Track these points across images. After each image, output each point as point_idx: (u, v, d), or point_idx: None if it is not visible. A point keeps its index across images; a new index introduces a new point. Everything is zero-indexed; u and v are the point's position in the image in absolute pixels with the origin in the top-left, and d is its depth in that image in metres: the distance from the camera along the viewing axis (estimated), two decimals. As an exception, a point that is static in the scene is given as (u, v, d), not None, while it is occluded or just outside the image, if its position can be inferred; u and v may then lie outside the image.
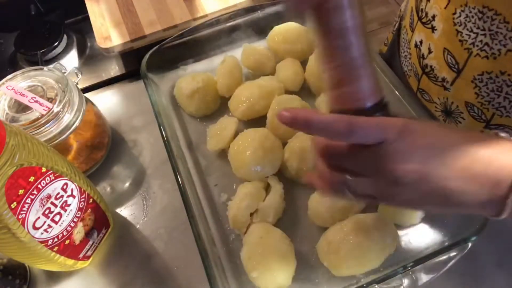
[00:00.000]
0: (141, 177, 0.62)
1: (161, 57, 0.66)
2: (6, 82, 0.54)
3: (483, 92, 0.50)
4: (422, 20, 0.55)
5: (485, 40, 0.46)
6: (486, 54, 0.46)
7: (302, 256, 0.52)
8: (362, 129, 0.34)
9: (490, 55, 0.46)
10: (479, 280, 0.51)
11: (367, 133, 0.34)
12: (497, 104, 0.49)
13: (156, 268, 0.54)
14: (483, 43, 0.46)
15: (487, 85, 0.49)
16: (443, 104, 0.57)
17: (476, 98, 0.51)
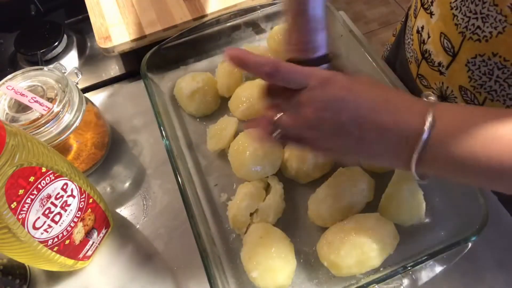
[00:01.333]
0: (141, 177, 0.63)
1: (161, 57, 0.66)
2: (6, 82, 0.54)
3: (476, 76, 0.51)
4: (424, 6, 0.57)
5: (477, 24, 0.47)
6: (478, 37, 0.48)
7: (302, 256, 0.52)
8: (286, 73, 0.39)
9: (482, 38, 0.47)
10: (479, 280, 0.51)
11: (290, 77, 0.39)
12: (489, 87, 0.51)
13: (156, 268, 0.54)
14: (475, 27, 0.48)
15: (479, 68, 0.50)
16: (439, 89, 0.58)
17: (469, 82, 0.52)
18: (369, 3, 2.11)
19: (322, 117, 0.38)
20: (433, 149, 0.35)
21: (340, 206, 0.51)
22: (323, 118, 0.38)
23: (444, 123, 0.35)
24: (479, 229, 0.46)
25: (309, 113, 0.38)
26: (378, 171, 0.57)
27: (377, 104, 0.37)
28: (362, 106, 0.37)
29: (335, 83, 0.38)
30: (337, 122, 0.37)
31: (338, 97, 0.37)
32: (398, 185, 0.51)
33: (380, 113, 0.37)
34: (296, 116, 0.39)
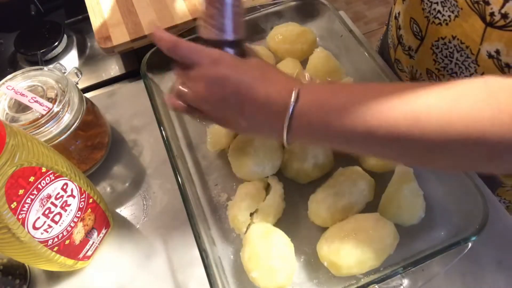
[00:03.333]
0: (141, 177, 0.63)
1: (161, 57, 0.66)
2: (6, 82, 0.54)
3: (439, 59, 0.55)
4: None
5: (438, 8, 0.52)
6: (439, 21, 0.52)
7: (302, 256, 0.52)
8: (181, 50, 0.45)
9: (442, 21, 0.52)
10: (479, 280, 0.51)
11: (184, 54, 0.45)
12: (450, 70, 0.55)
13: (156, 268, 0.54)
14: (436, 11, 0.52)
15: (442, 51, 0.54)
16: (410, 73, 0.63)
17: (434, 65, 0.57)
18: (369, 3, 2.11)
19: (210, 92, 0.43)
20: (298, 120, 0.40)
21: (340, 206, 0.51)
22: (211, 92, 0.43)
23: (308, 98, 0.40)
24: (479, 229, 0.46)
25: (200, 88, 0.44)
26: (378, 171, 0.57)
27: (255, 82, 0.42)
28: (242, 83, 0.42)
29: (223, 62, 0.43)
30: (222, 96, 0.43)
31: (223, 75, 0.43)
32: (398, 185, 0.51)
33: (256, 90, 0.42)
34: (192, 90, 0.45)
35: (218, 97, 0.43)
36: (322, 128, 0.40)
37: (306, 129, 0.41)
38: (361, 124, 0.37)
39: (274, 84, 0.42)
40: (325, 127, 0.40)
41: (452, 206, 0.52)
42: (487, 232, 0.45)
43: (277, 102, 0.41)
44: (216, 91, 0.43)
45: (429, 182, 0.54)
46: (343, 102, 0.39)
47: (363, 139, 0.38)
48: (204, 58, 0.44)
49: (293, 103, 0.40)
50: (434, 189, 0.54)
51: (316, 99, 0.40)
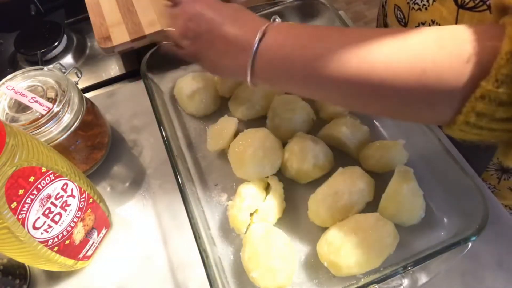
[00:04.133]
0: (141, 177, 0.63)
1: (161, 57, 0.66)
2: (6, 82, 0.54)
3: None
4: None
5: None
6: (419, 6, 0.55)
7: (302, 256, 0.52)
8: None
9: (422, 7, 0.54)
10: (479, 280, 0.51)
11: None
12: None
13: (156, 268, 0.54)
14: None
15: None
16: None
17: None
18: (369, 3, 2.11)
19: (188, 27, 0.47)
20: (260, 59, 0.42)
21: (340, 206, 0.51)
22: (189, 28, 0.47)
23: (273, 37, 0.42)
24: (479, 229, 0.46)
25: (181, 24, 0.48)
26: (378, 171, 0.57)
27: (227, 20, 0.45)
28: (215, 21, 0.46)
29: (201, 1, 0.47)
30: (197, 33, 0.47)
31: (198, 12, 0.46)
32: (398, 185, 0.51)
33: (227, 28, 0.45)
34: (174, 27, 0.49)
35: (194, 33, 0.47)
36: (283, 67, 0.42)
37: (268, 68, 0.43)
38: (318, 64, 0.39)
39: (245, 24, 0.45)
40: (285, 67, 0.41)
41: (452, 206, 0.52)
42: (487, 232, 0.45)
43: (243, 40, 0.43)
44: (192, 27, 0.47)
45: (429, 182, 0.54)
46: (304, 43, 0.40)
47: (318, 80, 0.40)
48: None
49: (257, 41, 0.42)
50: (434, 189, 0.54)
51: (279, 39, 0.42)
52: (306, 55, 0.40)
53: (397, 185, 0.51)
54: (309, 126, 0.61)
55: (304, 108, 0.60)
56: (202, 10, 0.46)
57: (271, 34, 0.42)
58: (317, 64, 0.39)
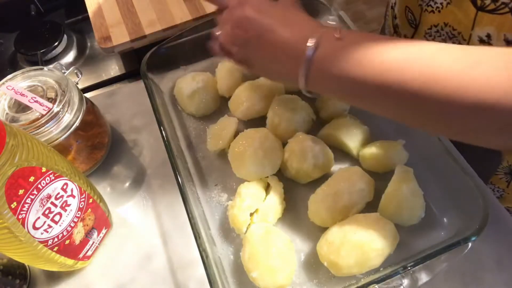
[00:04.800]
0: (141, 177, 0.63)
1: (161, 57, 0.66)
2: (6, 82, 0.54)
3: None
4: None
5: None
6: (432, 8, 0.54)
7: (302, 256, 0.52)
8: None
9: (435, 9, 0.53)
10: (479, 280, 0.51)
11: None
12: None
13: (156, 268, 0.54)
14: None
15: (435, 38, 0.56)
16: None
17: None
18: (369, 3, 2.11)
19: (236, 33, 0.45)
20: (317, 67, 0.41)
21: (340, 206, 0.51)
22: (237, 34, 0.45)
23: (330, 44, 0.40)
24: (479, 229, 0.46)
25: (228, 30, 0.46)
26: (378, 171, 0.57)
27: (276, 25, 0.43)
28: (263, 26, 0.43)
29: (248, 4, 0.45)
30: (245, 38, 0.45)
31: (246, 17, 0.44)
32: (398, 185, 0.51)
33: (276, 33, 0.43)
34: (222, 32, 0.48)
35: (242, 39, 0.45)
36: (338, 77, 0.40)
37: (323, 76, 0.41)
38: (376, 77, 0.37)
39: (295, 28, 0.42)
40: (341, 76, 0.40)
41: (452, 206, 0.52)
42: (487, 232, 0.45)
43: (294, 47, 0.41)
44: (240, 33, 0.45)
45: (429, 182, 0.54)
46: (362, 53, 0.38)
47: (376, 93, 0.38)
48: (231, 1, 0.47)
49: (312, 49, 0.40)
50: (434, 189, 0.54)
51: (335, 47, 0.40)
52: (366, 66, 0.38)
53: (397, 185, 0.51)
54: (309, 126, 0.61)
55: (304, 108, 0.60)
56: (249, 15, 0.44)
57: (326, 42, 0.40)
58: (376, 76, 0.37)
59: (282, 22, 0.43)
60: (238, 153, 0.56)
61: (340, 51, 0.40)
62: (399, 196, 0.51)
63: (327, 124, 0.60)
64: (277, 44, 0.43)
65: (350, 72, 0.39)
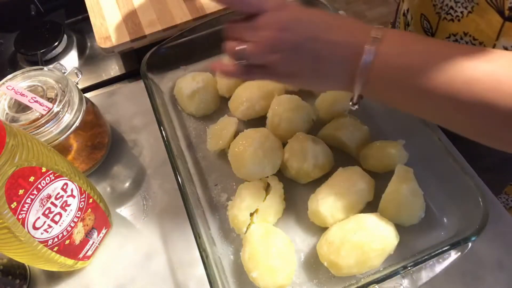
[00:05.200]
0: (141, 177, 0.63)
1: (161, 57, 0.66)
2: (6, 82, 0.54)
3: None
4: None
5: (450, 4, 0.51)
6: (451, 17, 0.51)
7: (302, 256, 0.52)
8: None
9: (454, 17, 0.51)
10: (479, 280, 0.51)
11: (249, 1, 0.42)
12: None
13: (156, 268, 0.54)
14: (448, 7, 0.51)
15: None
16: None
17: None
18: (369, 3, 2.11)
19: (281, 37, 0.40)
20: (376, 68, 0.38)
21: (340, 206, 0.51)
22: (282, 38, 0.40)
23: (389, 45, 0.38)
24: (479, 229, 0.46)
25: (268, 36, 0.41)
26: (378, 171, 0.57)
27: (331, 25, 0.40)
28: (317, 26, 0.40)
29: (289, 7, 0.42)
30: (295, 41, 0.40)
31: (294, 18, 0.41)
32: (398, 185, 0.51)
33: (333, 33, 0.40)
34: (257, 42, 0.42)
35: (290, 43, 0.40)
36: (398, 78, 0.38)
37: (381, 78, 0.39)
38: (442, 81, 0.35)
39: (352, 29, 0.40)
40: (402, 81, 0.38)
41: (452, 206, 0.52)
42: (487, 232, 0.45)
43: (356, 46, 0.38)
44: (287, 37, 0.40)
45: (429, 182, 0.54)
46: (425, 57, 0.37)
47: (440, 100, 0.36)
48: (269, 3, 0.42)
49: (371, 51, 0.38)
50: (434, 189, 0.54)
51: (396, 48, 0.38)
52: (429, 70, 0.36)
53: (397, 185, 0.51)
54: (309, 126, 0.61)
55: (304, 108, 0.60)
56: (299, 17, 0.41)
57: (386, 42, 0.38)
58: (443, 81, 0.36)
59: (336, 24, 0.40)
60: (238, 153, 0.56)
61: (399, 49, 0.38)
62: (399, 196, 0.51)
63: (327, 124, 0.60)
64: (336, 45, 0.39)
65: (416, 81, 0.37)
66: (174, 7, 0.75)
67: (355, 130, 0.58)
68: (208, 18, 0.73)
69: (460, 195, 0.50)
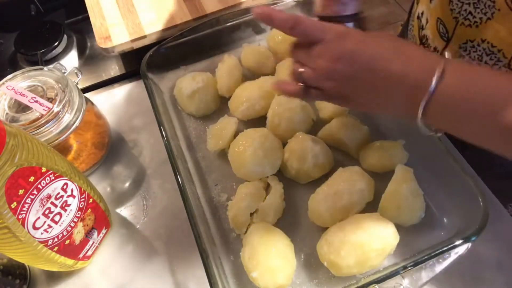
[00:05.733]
0: (141, 177, 0.62)
1: (161, 57, 0.66)
2: (6, 82, 0.54)
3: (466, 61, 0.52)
4: None
5: (469, 9, 0.50)
6: (469, 22, 0.50)
7: (302, 256, 0.52)
8: (305, 26, 0.42)
9: (473, 23, 0.50)
10: (479, 280, 0.51)
11: (308, 30, 0.42)
12: None
13: (156, 268, 0.54)
14: (467, 12, 0.50)
15: (470, 53, 0.52)
16: None
17: None
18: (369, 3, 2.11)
19: (335, 67, 0.41)
20: (438, 102, 0.37)
21: (340, 206, 0.51)
22: (336, 68, 0.41)
23: (454, 77, 0.37)
24: (479, 229, 0.46)
25: (323, 64, 0.42)
26: (378, 171, 0.57)
27: (390, 54, 0.39)
28: (375, 57, 0.40)
29: (349, 37, 0.41)
30: (349, 72, 0.41)
31: (350, 50, 0.40)
32: (398, 185, 0.51)
33: (392, 62, 0.39)
34: (314, 68, 0.43)
35: (345, 73, 0.41)
36: (462, 111, 0.37)
37: (444, 110, 0.38)
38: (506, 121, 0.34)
39: (412, 58, 0.39)
40: (465, 111, 0.37)
41: (452, 206, 0.52)
42: (487, 232, 0.45)
43: (416, 79, 0.38)
44: (343, 68, 0.41)
45: (429, 182, 0.54)
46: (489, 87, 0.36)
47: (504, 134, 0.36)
48: (329, 33, 0.42)
49: (436, 81, 0.37)
50: (434, 189, 0.54)
51: (460, 80, 0.37)
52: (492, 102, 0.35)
53: (397, 185, 0.51)
54: (309, 126, 0.61)
55: (304, 108, 0.60)
56: (355, 47, 0.40)
57: (450, 74, 0.37)
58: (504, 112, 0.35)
59: (396, 52, 0.40)
60: (238, 153, 0.56)
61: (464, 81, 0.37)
62: (399, 196, 0.51)
63: (327, 124, 0.60)
64: (393, 76, 0.39)
65: (475, 103, 0.36)
66: (174, 7, 0.75)
67: (355, 130, 0.58)
68: (208, 18, 0.73)
69: (460, 195, 0.50)
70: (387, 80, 0.39)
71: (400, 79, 0.39)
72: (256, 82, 0.64)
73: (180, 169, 0.54)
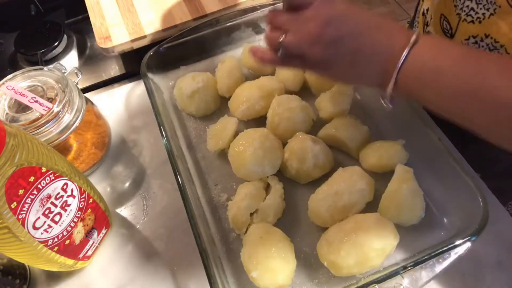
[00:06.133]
0: (141, 177, 0.63)
1: (161, 57, 0.66)
2: (6, 82, 0.54)
3: None
4: None
5: (471, 5, 0.50)
6: (472, 18, 0.51)
7: (302, 256, 0.52)
8: None
9: (475, 19, 0.51)
10: (479, 280, 0.51)
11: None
12: None
13: (156, 268, 0.54)
14: (469, 8, 0.51)
15: None
16: None
17: None
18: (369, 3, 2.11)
19: (324, 30, 0.42)
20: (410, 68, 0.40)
21: (340, 206, 0.51)
22: (325, 31, 0.42)
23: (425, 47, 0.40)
24: (479, 229, 0.46)
25: (313, 28, 0.42)
26: (378, 171, 0.57)
27: (372, 25, 0.42)
28: (362, 23, 0.42)
29: (337, 2, 0.43)
30: (337, 36, 0.42)
31: (340, 14, 0.42)
32: (398, 185, 0.51)
33: (375, 32, 0.42)
34: (299, 33, 0.44)
35: (333, 37, 0.42)
36: (431, 79, 0.39)
37: (414, 78, 0.40)
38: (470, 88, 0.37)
39: (391, 30, 0.42)
40: (434, 79, 0.39)
41: (452, 206, 0.52)
42: (487, 232, 0.45)
43: (393, 46, 0.41)
44: (330, 31, 0.42)
45: (429, 182, 0.54)
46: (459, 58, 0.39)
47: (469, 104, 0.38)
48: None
49: (408, 49, 0.40)
50: (434, 189, 0.54)
51: (432, 50, 0.40)
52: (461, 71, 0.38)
53: (397, 185, 0.51)
54: (309, 126, 0.61)
55: (304, 108, 0.60)
56: (344, 13, 0.43)
57: (422, 44, 0.40)
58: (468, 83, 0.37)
59: (377, 24, 0.42)
60: (238, 153, 0.56)
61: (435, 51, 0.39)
62: (399, 196, 0.51)
63: (327, 124, 0.60)
64: (374, 44, 0.42)
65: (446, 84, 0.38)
66: (174, 7, 0.75)
67: (355, 130, 0.58)
68: (208, 18, 0.73)
69: (460, 195, 0.50)
70: (371, 47, 0.42)
71: (381, 46, 0.41)
72: (256, 82, 0.64)
73: (180, 169, 0.54)
